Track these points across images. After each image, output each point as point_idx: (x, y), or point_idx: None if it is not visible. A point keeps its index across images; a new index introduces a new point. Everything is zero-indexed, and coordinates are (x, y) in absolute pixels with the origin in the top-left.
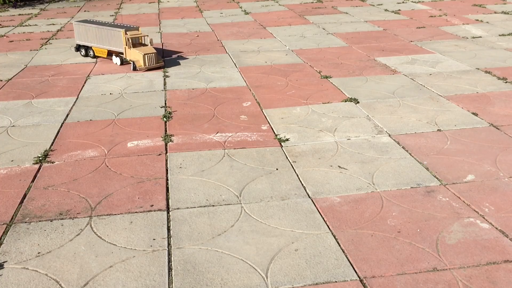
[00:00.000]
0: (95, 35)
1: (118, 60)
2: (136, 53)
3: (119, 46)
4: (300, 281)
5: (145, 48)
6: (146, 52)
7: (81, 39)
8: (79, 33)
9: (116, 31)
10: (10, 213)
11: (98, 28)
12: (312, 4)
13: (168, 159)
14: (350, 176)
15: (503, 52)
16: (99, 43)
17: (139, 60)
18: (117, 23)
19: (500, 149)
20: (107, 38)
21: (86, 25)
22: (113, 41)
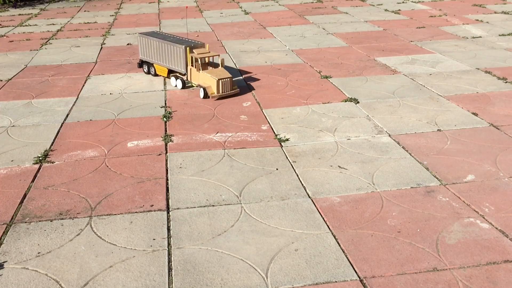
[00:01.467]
0: (156, 50)
1: (179, 82)
2: (207, 78)
3: (180, 66)
4: (300, 281)
5: (218, 71)
6: (221, 77)
7: (144, 54)
8: (142, 46)
9: (177, 47)
10: (10, 213)
11: (160, 42)
12: (312, 4)
13: (168, 159)
14: (350, 176)
15: (503, 52)
16: (160, 60)
17: (211, 86)
18: (183, 37)
19: (500, 149)
20: (168, 54)
21: (148, 38)
22: (173, 59)
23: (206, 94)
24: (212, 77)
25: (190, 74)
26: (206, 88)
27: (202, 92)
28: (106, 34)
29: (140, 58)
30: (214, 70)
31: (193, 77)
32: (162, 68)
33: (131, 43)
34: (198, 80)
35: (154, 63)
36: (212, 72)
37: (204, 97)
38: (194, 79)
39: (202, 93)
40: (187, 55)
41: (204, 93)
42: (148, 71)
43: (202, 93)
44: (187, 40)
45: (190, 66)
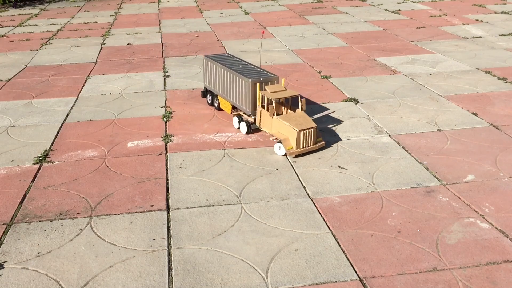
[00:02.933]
0: (221, 79)
1: (242, 126)
2: (283, 127)
3: (244, 104)
4: (300, 281)
5: (297, 118)
6: (303, 127)
7: (208, 81)
8: (206, 72)
9: (243, 79)
10: (10, 213)
11: (224, 70)
12: (312, 4)
13: (168, 159)
14: (350, 176)
15: (503, 52)
16: (224, 92)
17: (288, 138)
18: (255, 65)
19: (500, 149)
20: (232, 86)
21: (213, 62)
22: (237, 93)
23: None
24: (291, 127)
25: (260, 117)
26: (282, 140)
27: (279, 147)
28: (106, 34)
29: (204, 85)
30: (292, 116)
31: (264, 122)
32: (226, 102)
33: (131, 43)
34: (271, 128)
35: (218, 94)
36: (290, 118)
37: (283, 154)
38: (265, 126)
39: (280, 149)
40: (256, 92)
41: (278, 146)
42: (211, 103)
43: (276, 146)
44: (259, 71)
45: (260, 107)
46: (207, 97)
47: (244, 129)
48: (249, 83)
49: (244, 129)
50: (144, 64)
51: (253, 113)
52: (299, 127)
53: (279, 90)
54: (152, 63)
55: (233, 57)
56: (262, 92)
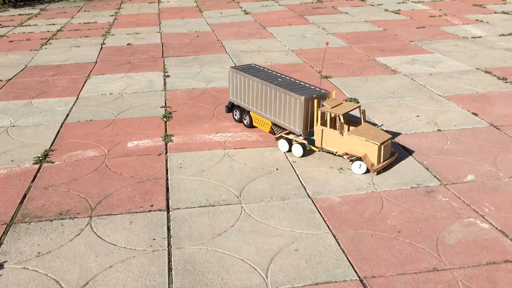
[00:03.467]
0: (257, 94)
1: (297, 149)
2: (359, 143)
3: (295, 124)
4: (300, 281)
5: (369, 131)
6: (382, 140)
7: (236, 96)
8: (234, 85)
9: (293, 97)
10: (10, 213)
11: (264, 86)
12: (312, 4)
13: (168, 159)
14: (350, 176)
15: (503, 52)
16: (261, 109)
17: (367, 154)
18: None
19: (500, 149)
20: (276, 103)
21: (247, 76)
22: (285, 111)
23: (365, 168)
24: (370, 142)
25: (322, 136)
26: (362, 158)
27: (359, 165)
28: (106, 34)
29: (230, 100)
30: (363, 130)
31: (329, 141)
32: (263, 119)
33: (131, 43)
34: (340, 146)
35: (251, 110)
36: (363, 133)
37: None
38: (331, 145)
39: (360, 167)
40: (309, 110)
41: (357, 163)
42: (240, 119)
43: (361, 167)
44: (305, 86)
45: (319, 125)
46: (233, 113)
47: (299, 152)
48: (301, 100)
49: (299, 151)
50: (144, 64)
51: (304, 133)
52: (378, 140)
53: (338, 104)
54: (152, 63)
55: (262, 68)
56: (322, 109)
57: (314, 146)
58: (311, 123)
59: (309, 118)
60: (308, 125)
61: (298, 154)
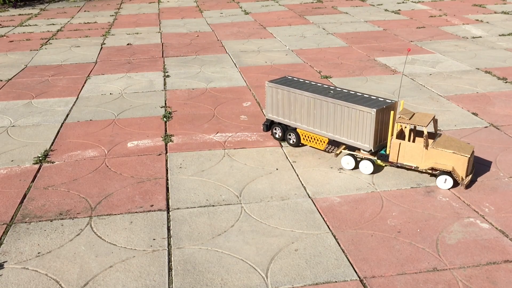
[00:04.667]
0: (308, 108)
1: (367, 166)
2: (448, 156)
3: (364, 140)
4: (300, 281)
5: (452, 143)
6: (470, 152)
7: (277, 112)
8: (275, 101)
9: (362, 110)
10: (10, 213)
11: (316, 98)
12: (312, 4)
13: (168, 159)
14: (350, 176)
15: (503, 52)
16: (316, 125)
17: (453, 167)
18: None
19: (500, 149)
20: (339, 118)
21: (290, 89)
22: (350, 126)
23: (454, 182)
24: (458, 154)
25: (399, 151)
26: (453, 172)
27: (445, 180)
28: (106, 34)
29: (268, 117)
30: (445, 142)
31: (408, 155)
32: (317, 137)
33: (131, 43)
34: (421, 160)
35: (299, 127)
36: (448, 145)
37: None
38: (411, 159)
39: (446, 181)
40: (383, 122)
41: (453, 182)
42: (282, 137)
43: (447, 182)
44: (368, 97)
45: (395, 139)
46: (273, 131)
47: (370, 169)
48: (373, 114)
49: (370, 169)
50: (144, 64)
51: (375, 148)
52: (466, 152)
53: (413, 115)
54: (152, 63)
55: (303, 80)
56: (400, 120)
57: (385, 161)
58: (380, 137)
59: (379, 132)
60: (377, 140)
61: (368, 171)
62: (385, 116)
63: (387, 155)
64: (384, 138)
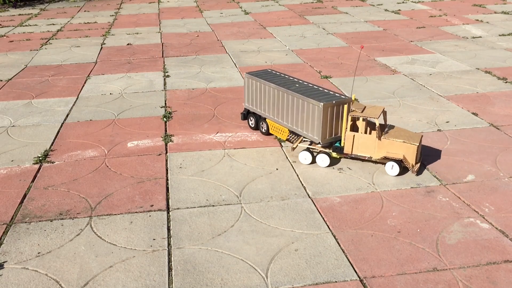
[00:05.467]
0: (273, 100)
1: (323, 159)
2: (398, 145)
3: (313, 131)
4: (300, 281)
5: (402, 133)
6: (419, 140)
7: (251, 102)
8: (250, 92)
9: (312, 102)
10: (10, 213)
11: (280, 90)
12: (312, 4)
13: (168, 159)
14: (350, 176)
15: (503, 52)
16: (279, 116)
17: (405, 156)
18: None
19: (500, 149)
20: (294, 110)
21: (263, 82)
22: (303, 118)
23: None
24: (408, 143)
25: (353, 143)
26: (405, 162)
27: (392, 167)
28: (106, 34)
29: (245, 106)
30: (396, 132)
31: (362, 147)
32: (280, 127)
33: (131, 43)
34: (374, 151)
35: (267, 118)
36: (398, 135)
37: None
38: (364, 150)
39: (392, 168)
40: (333, 116)
41: (395, 168)
42: (256, 126)
43: (393, 168)
44: (323, 91)
45: (349, 131)
46: (249, 120)
47: (326, 162)
48: (320, 107)
49: (326, 162)
50: (144, 64)
51: (323, 141)
52: (415, 141)
53: (364, 108)
54: (152, 63)
55: (279, 74)
56: (353, 113)
57: (340, 153)
58: (330, 130)
59: (329, 126)
60: (327, 133)
61: (325, 164)
62: (336, 111)
63: (341, 147)
64: (336, 132)
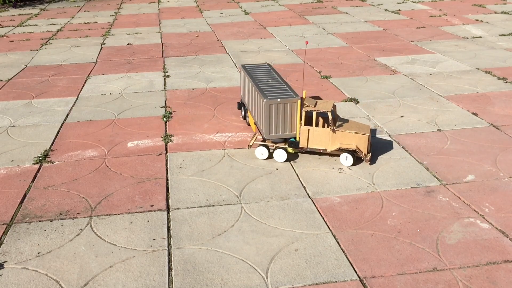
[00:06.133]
0: (249, 93)
1: (280, 154)
2: (351, 137)
3: (261, 125)
4: (300, 281)
5: (353, 125)
6: (369, 131)
7: (242, 93)
8: (242, 83)
9: (260, 98)
10: (10, 213)
11: (252, 84)
12: (312, 4)
13: (168, 159)
14: (350, 176)
15: (503, 52)
16: (251, 107)
17: (356, 146)
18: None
19: (500, 149)
20: (254, 102)
21: (246, 74)
22: (259, 113)
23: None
24: (360, 133)
25: (308, 136)
26: (358, 151)
27: (346, 158)
28: (106, 34)
29: (241, 97)
30: (347, 124)
31: (316, 140)
32: (252, 119)
33: (131, 43)
34: (329, 143)
35: (248, 109)
36: (349, 127)
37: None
38: (319, 143)
39: (347, 159)
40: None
41: (349, 159)
42: (244, 117)
43: (348, 159)
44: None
45: (303, 125)
46: (241, 110)
47: (283, 157)
48: (264, 103)
49: (283, 157)
50: (144, 64)
51: (267, 137)
52: (366, 131)
53: (317, 103)
54: (152, 63)
55: (270, 69)
56: (306, 108)
57: (295, 148)
58: (276, 127)
59: (275, 122)
60: (272, 130)
61: (282, 159)
62: (283, 109)
63: (297, 142)
64: (283, 130)
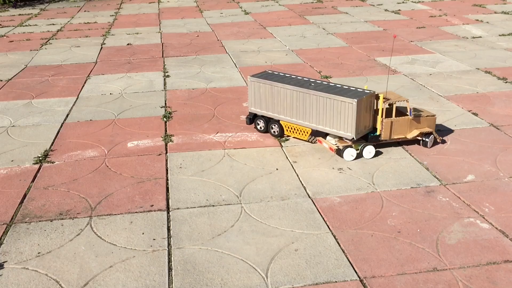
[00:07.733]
0: (291, 101)
1: (370, 149)
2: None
3: (346, 128)
4: (300, 281)
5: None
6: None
7: (260, 106)
8: (257, 95)
9: (345, 100)
10: (10, 213)
11: (298, 91)
12: (312, 4)
13: (168, 159)
14: (350, 176)
15: (503, 52)
16: (298, 117)
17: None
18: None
19: (500, 149)
20: (321, 110)
21: (272, 83)
22: (337, 116)
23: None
24: (429, 116)
25: (391, 128)
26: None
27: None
28: (106, 34)
29: (251, 110)
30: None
31: (398, 130)
32: (299, 128)
33: (131, 43)
34: (407, 131)
35: (281, 119)
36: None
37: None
38: (401, 132)
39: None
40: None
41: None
42: (265, 129)
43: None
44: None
45: (385, 119)
46: (257, 123)
47: (372, 153)
48: (354, 104)
49: (372, 152)
50: (144, 64)
51: (357, 136)
52: (431, 113)
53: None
54: (152, 63)
55: (283, 74)
56: (389, 101)
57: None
58: (363, 125)
59: (362, 120)
60: (360, 128)
61: (371, 155)
62: (365, 106)
63: (378, 135)
64: (365, 126)
